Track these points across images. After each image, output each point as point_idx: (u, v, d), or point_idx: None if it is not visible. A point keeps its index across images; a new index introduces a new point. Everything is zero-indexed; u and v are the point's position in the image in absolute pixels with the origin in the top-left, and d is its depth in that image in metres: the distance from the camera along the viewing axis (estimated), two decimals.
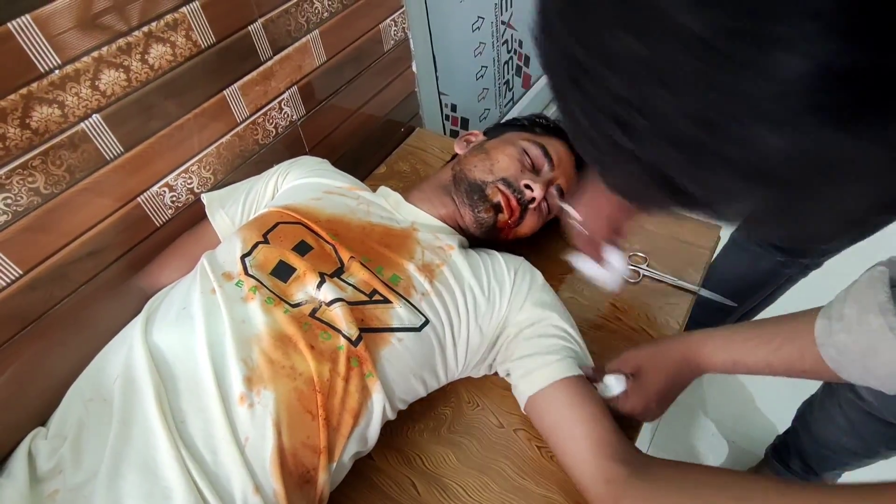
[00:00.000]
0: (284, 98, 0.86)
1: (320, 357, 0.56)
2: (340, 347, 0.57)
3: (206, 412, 0.52)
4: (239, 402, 0.52)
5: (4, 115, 0.55)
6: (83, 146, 0.62)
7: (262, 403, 0.52)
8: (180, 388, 0.53)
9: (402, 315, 0.62)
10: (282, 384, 0.54)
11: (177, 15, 0.67)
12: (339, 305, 0.59)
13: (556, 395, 0.62)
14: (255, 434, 0.51)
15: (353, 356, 0.57)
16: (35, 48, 0.55)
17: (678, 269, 0.86)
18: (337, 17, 0.90)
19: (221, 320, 0.56)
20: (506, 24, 1.57)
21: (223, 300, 0.58)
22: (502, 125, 0.87)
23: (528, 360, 0.65)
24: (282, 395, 0.53)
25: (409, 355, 0.61)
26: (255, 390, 0.53)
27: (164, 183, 0.73)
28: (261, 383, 0.53)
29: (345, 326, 0.58)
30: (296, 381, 0.54)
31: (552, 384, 0.62)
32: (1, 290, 0.60)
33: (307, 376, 0.55)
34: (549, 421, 0.63)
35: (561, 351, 0.65)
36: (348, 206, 0.72)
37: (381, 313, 0.61)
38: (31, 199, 0.59)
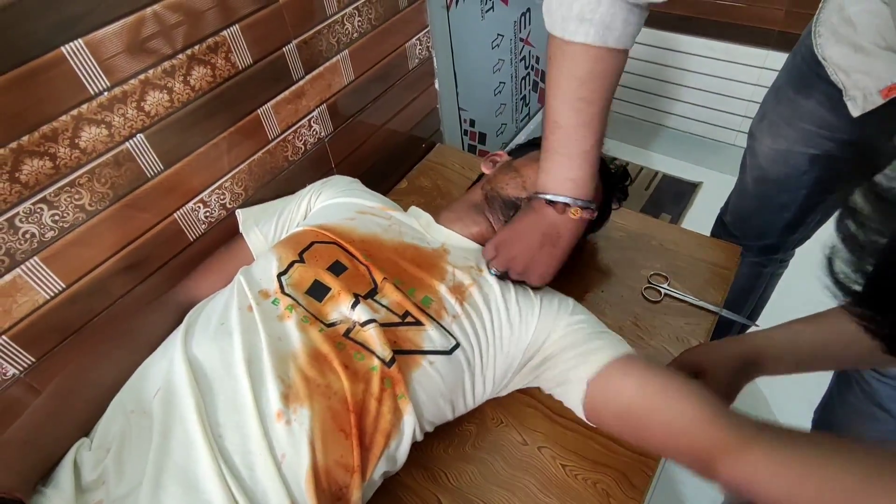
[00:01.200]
0: (314, 116, 0.88)
1: (354, 377, 0.57)
2: (374, 368, 0.58)
3: (243, 428, 0.53)
4: (276, 419, 0.53)
5: (56, 136, 0.57)
6: (126, 164, 0.64)
7: (298, 421, 0.53)
8: (218, 403, 0.54)
9: (433, 337, 0.63)
10: (317, 402, 0.55)
11: (218, 38, 0.69)
12: (372, 327, 0.60)
13: (623, 371, 0.60)
14: (291, 451, 0.52)
15: (387, 377, 0.58)
16: (86, 71, 0.57)
17: (699, 288, 0.87)
18: (366, 38, 0.92)
19: (259, 337, 0.58)
20: (524, 41, 1.59)
21: (260, 317, 0.59)
22: (525, 145, 0.89)
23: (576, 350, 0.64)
24: (317, 413, 0.54)
25: (439, 378, 0.62)
26: (291, 407, 0.54)
27: (199, 199, 0.75)
28: (297, 401, 0.54)
29: (378, 348, 0.59)
30: (330, 399, 0.55)
31: (612, 362, 0.60)
32: (45, 303, 0.62)
33: (341, 395, 0.56)
34: (626, 396, 0.59)
35: (604, 336, 0.65)
36: (381, 225, 0.73)
37: (413, 335, 0.62)
38: (77, 215, 0.61)
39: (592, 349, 0.64)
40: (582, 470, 0.68)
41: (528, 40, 1.61)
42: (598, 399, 0.61)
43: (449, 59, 1.23)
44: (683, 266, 0.91)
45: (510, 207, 0.76)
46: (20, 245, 0.57)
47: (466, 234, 0.77)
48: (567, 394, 0.65)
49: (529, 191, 0.75)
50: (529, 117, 1.81)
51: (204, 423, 0.52)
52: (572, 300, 0.74)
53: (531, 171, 0.76)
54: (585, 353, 0.63)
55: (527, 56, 1.64)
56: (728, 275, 0.88)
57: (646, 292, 0.87)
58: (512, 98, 1.66)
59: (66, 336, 0.65)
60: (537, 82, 1.77)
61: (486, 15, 1.37)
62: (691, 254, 0.92)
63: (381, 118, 1.04)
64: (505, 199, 0.76)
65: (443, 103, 1.21)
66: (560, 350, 0.67)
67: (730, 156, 1.99)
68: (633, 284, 0.89)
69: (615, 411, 0.60)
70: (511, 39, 1.52)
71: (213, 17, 0.68)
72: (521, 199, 0.75)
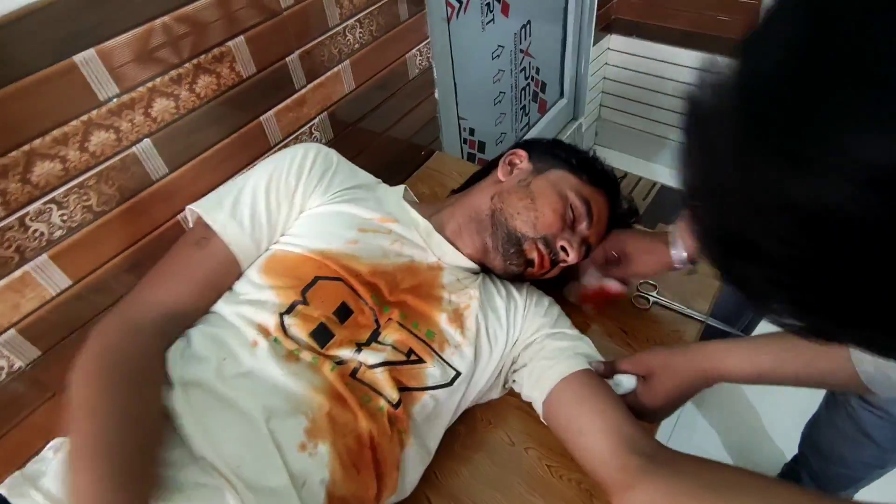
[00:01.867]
0: (314, 123, 0.91)
1: (367, 416, 0.59)
2: (381, 409, 0.60)
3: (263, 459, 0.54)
4: (299, 450, 0.55)
5: (66, 140, 0.60)
6: (133, 168, 0.67)
7: (318, 453, 0.56)
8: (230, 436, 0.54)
9: (435, 374, 0.65)
10: (338, 439, 0.57)
11: (223, 48, 0.72)
12: (380, 370, 0.62)
13: (566, 391, 0.65)
14: (310, 479, 0.55)
15: (392, 416, 0.61)
16: (97, 79, 0.60)
17: (687, 298, 0.89)
18: (367, 48, 0.95)
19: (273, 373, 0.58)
20: (524, 53, 1.62)
21: (268, 354, 0.59)
22: (550, 152, 0.80)
23: (535, 366, 0.69)
24: (336, 448, 0.56)
25: (440, 408, 0.66)
26: (313, 441, 0.56)
27: None
28: (319, 436, 0.56)
29: (387, 390, 0.61)
30: (347, 437, 0.58)
31: (561, 381, 0.65)
32: (51, 298, 0.64)
33: (357, 433, 0.58)
34: (564, 417, 0.65)
35: (565, 350, 0.68)
36: (383, 248, 0.70)
37: (416, 373, 0.64)
38: (85, 215, 0.64)
39: (545, 367, 0.68)
40: (566, 470, 0.70)
41: (528, 51, 1.64)
42: (550, 419, 0.68)
43: (449, 69, 1.26)
44: (673, 276, 0.92)
45: (513, 243, 0.72)
46: (30, 243, 0.60)
47: (463, 251, 0.75)
48: (530, 399, 0.71)
49: (539, 232, 0.71)
50: (529, 126, 1.84)
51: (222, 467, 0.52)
52: (557, 307, 0.78)
53: (546, 207, 0.72)
54: (540, 375, 0.68)
55: (527, 67, 1.67)
56: (714, 285, 0.90)
57: (635, 299, 0.89)
58: (512, 108, 1.69)
59: (72, 331, 0.68)
60: (537, 92, 1.80)
61: (487, 26, 1.41)
62: None
63: (381, 126, 1.07)
64: (509, 233, 0.72)
65: (442, 112, 1.24)
66: (529, 356, 0.71)
67: None
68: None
69: (558, 429, 0.67)
70: (511, 51, 1.55)
71: (219, 29, 0.71)
72: (528, 237, 0.72)
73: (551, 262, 0.74)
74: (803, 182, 0.21)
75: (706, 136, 0.26)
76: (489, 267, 0.76)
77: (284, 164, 0.71)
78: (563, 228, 0.73)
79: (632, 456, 0.57)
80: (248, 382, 0.57)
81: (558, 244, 0.72)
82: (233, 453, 0.53)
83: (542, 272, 0.76)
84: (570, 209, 0.73)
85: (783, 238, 0.23)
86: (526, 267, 0.74)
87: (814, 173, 0.21)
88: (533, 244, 0.72)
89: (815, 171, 0.21)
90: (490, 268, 0.76)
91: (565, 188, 0.74)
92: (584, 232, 0.75)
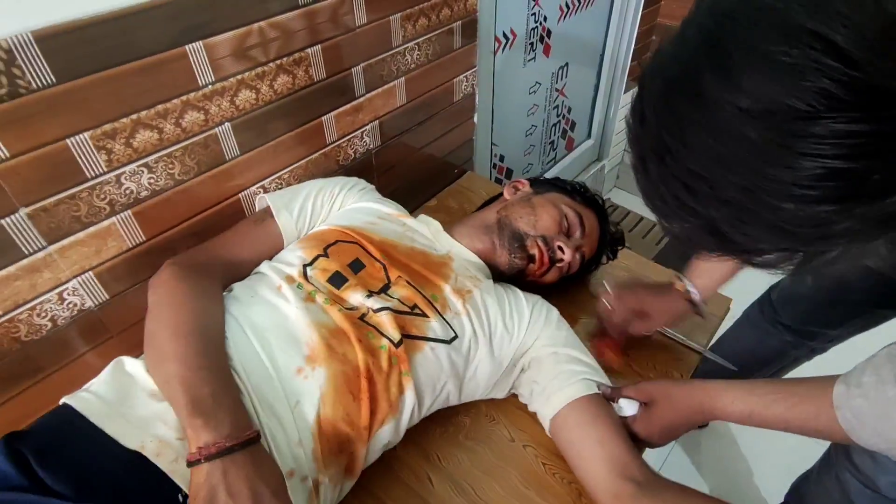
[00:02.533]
0: (367, 129, 1.01)
1: (367, 350, 0.67)
2: (383, 347, 0.68)
3: (268, 378, 0.63)
4: (296, 373, 0.64)
5: (166, 114, 0.69)
6: (212, 146, 0.77)
7: (314, 377, 0.64)
8: (247, 356, 0.65)
9: (436, 328, 0.72)
10: (334, 365, 0.64)
11: (302, 54, 0.82)
12: (385, 313, 0.70)
13: (572, 414, 0.72)
14: (304, 400, 0.63)
15: (394, 355, 0.68)
16: (200, 67, 0.70)
17: (687, 332, 0.95)
18: (421, 69, 1.05)
19: (288, 309, 0.68)
20: (559, 91, 1.73)
21: (289, 295, 0.69)
22: (548, 182, 0.99)
23: (546, 385, 0.75)
24: (332, 374, 0.64)
25: (438, 364, 0.72)
26: (311, 366, 0.64)
27: (261, 185, 0.87)
28: (317, 361, 0.64)
29: (389, 330, 0.69)
30: (345, 365, 0.65)
31: (569, 404, 0.72)
32: (127, 250, 0.73)
33: (355, 364, 0.66)
34: (567, 439, 0.72)
35: (576, 375, 0.75)
36: (396, 231, 0.83)
37: (419, 324, 0.72)
38: (167, 181, 0.73)
39: (556, 389, 0.74)
40: (560, 470, 0.76)
41: (562, 91, 1.75)
42: (556, 436, 0.75)
43: (489, 97, 1.36)
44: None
45: (516, 240, 0.85)
46: (120, 198, 0.69)
47: (472, 248, 0.87)
48: (538, 413, 0.78)
49: (539, 231, 0.85)
50: (555, 161, 1.94)
51: (237, 366, 0.63)
52: (556, 312, 0.85)
53: (545, 213, 0.87)
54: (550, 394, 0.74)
55: (559, 105, 1.78)
56: (715, 321, 0.97)
57: None
58: (541, 141, 1.79)
59: (135, 283, 0.76)
60: (566, 130, 1.90)
61: (528, 63, 1.51)
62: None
63: (421, 141, 1.16)
64: (514, 232, 0.86)
65: (478, 136, 1.33)
66: (539, 371, 0.78)
67: None
68: None
69: (562, 447, 0.74)
70: (547, 88, 1.66)
71: (303, 36, 0.81)
72: (529, 235, 0.85)
73: (550, 260, 0.85)
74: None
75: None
76: (496, 265, 0.87)
77: (336, 180, 0.89)
78: (560, 233, 0.86)
79: (625, 483, 0.63)
80: (265, 313, 0.68)
81: (556, 244, 0.84)
82: (244, 367, 0.63)
83: (542, 270, 0.86)
84: (565, 219, 0.87)
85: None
86: (528, 262, 0.85)
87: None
88: (534, 241, 0.85)
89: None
90: (497, 266, 0.87)
91: (560, 203, 0.89)
92: (578, 241, 0.88)
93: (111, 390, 0.60)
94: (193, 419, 0.55)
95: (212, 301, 0.69)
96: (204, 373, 0.59)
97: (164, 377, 0.60)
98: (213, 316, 0.67)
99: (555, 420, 0.73)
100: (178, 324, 0.63)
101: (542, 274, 0.87)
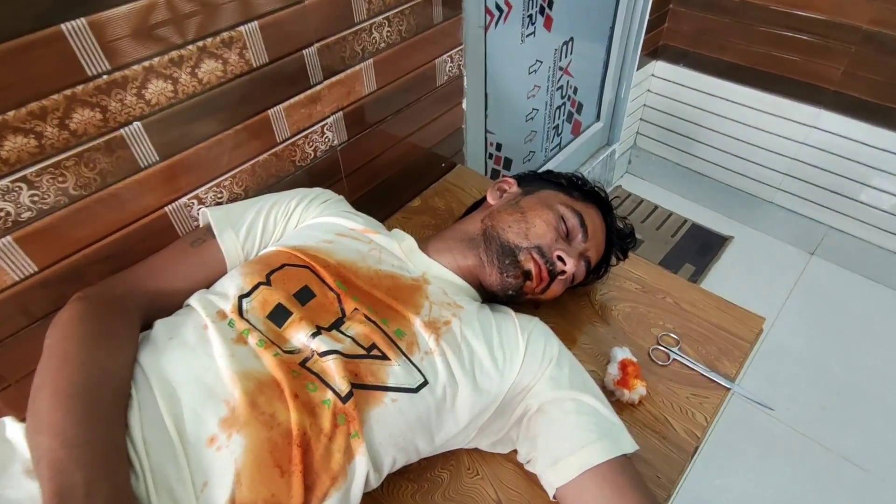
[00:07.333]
0: (328, 123, 0.85)
1: (302, 408, 0.53)
2: (326, 402, 0.54)
3: (168, 448, 0.50)
4: (207, 444, 0.50)
5: (45, 114, 0.54)
6: (119, 152, 0.62)
7: (230, 448, 0.50)
8: (145, 418, 0.51)
9: (398, 374, 0.58)
10: (257, 431, 0.51)
11: (233, 33, 0.66)
12: (332, 358, 0.56)
13: (590, 485, 0.57)
14: (214, 481, 0.49)
15: (340, 413, 0.54)
16: (86, 52, 0.55)
17: (712, 357, 0.80)
18: (393, 49, 0.88)
19: (210, 356, 0.55)
20: (563, 70, 1.55)
21: (215, 337, 0.56)
22: (537, 178, 0.84)
23: (554, 446, 0.60)
24: (253, 443, 0.50)
25: (401, 418, 0.57)
26: (227, 433, 0.50)
27: (195, 195, 0.72)
28: (235, 426, 0.51)
29: (336, 380, 0.55)
30: (272, 430, 0.51)
31: (583, 474, 0.57)
32: (13, 284, 0.59)
33: (286, 427, 0.52)
34: None
35: (590, 430, 0.59)
36: (359, 251, 0.69)
37: (376, 369, 0.58)
38: (59, 198, 0.59)
39: (567, 452, 0.59)
40: None
41: (567, 70, 1.57)
42: (567, 499, 0.59)
43: (481, 79, 1.19)
44: (698, 330, 0.84)
45: (507, 254, 0.70)
46: None
47: (453, 266, 0.73)
48: (540, 476, 0.62)
49: (532, 241, 0.70)
50: (560, 148, 1.76)
51: (135, 438, 0.49)
52: (556, 342, 0.69)
53: (537, 218, 0.72)
54: (559, 458, 0.59)
55: (564, 86, 1.60)
56: (747, 348, 0.81)
57: (653, 353, 0.81)
58: (544, 126, 1.61)
59: (35, 320, 0.63)
60: (572, 113, 1.72)
61: (527, 39, 1.34)
62: (708, 318, 0.85)
63: (400, 132, 1.00)
64: (503, 244, 0.71)
65: (469, 124, 1.17)
66: (542, 424, 0.62)
67: (766, 213, 1.90)
68: (641, 343, 0.82)
69: None
70: (550, 67, 1.48)
71: (232, 11, 0.65)
72: (522, 247, 0.70)
73: (549, 274, 0.71)
74: None
75: None
76: (486, 285, 0.72)
77: (294, 192, 0.76)
78: (557, 239, 0.72)
79: None
80: (181, 361, 0.55)
81: (554, 254, 0.70)
82: (144, 437, 0.50)
83: (542, 286, 0.72)
84: (562, 222, 0.73)
85: None
86: (524, 280, 0.71)
87: None
88: (528, 254, 0.70)
89: None
90: (487, 286, 0.72)
91: (555, 203, 0.74)
92: (580, 245, 0.74)
93: None
94: None
95: (116, 349, 0.55)
96: (80, 452, 0.46)
97: (36, 452, 0.47)
98: (112, 372, 0.53)
99: (566, 489, 0.58)
100: (60, 383, 0.50)
101: (543, 290, 0.72)
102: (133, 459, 0.48)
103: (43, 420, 0.48)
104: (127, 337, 0.58)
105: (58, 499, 0.43)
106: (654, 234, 1.95)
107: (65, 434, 0.46)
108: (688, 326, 0.84)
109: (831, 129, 1.62)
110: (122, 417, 0.50)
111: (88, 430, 0.47)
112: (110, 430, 0.49)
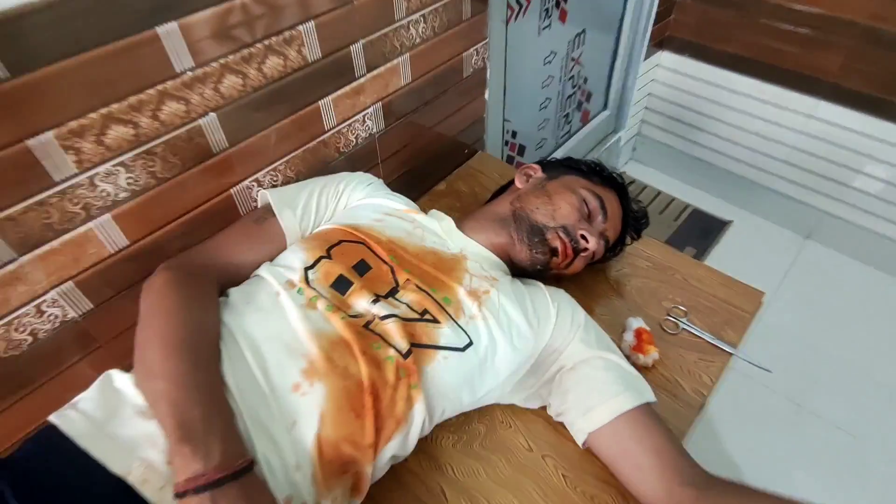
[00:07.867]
0: (369, 112, 0.93)
1: (370, 363, 0.61)
2: (389, 358, 0.62)
3: (261, 394, 0.58)
4: (292, 390, 0.58)
5: (140, 107, 0.62)
6: (197, 139, 0.69)
7: (313, 394, 0.58)
8: (240, 369, 0.59)
9: (448, 335, 0.67)
10: (334, 381, 0.59)
11: (294, 32, 0.73)
12: (392, 321, 0.64)
13: (619, 429, 0.66)
14: (302, 420, 0.57)
15: (402, 367, 0.62)
16: (175, 51, 0.62)
17: (717, 327, 0.89)
18: (427, 44, 0.96)
19: (286, 318, 0.63)
20: (575, 61, 1.62)
21: (288, 302, 0.64)
22: (561, 164, 0.91)
23: (585, 397, 0.69)
24: (332, 390, 0.59)
25: (451, 373, 0.66)
26: (309, 381, 0.59)
27: (255, 178, 0.80)
28: (316, 376, 0.59)
29: (397, 340, 0.63)
30: (347, 381, 0.60)
31: (615, 419, 0.66)
32: (109, 256, 0.67)
33: (357, 379, 0.60)
34: (613, 452, 0.67)
35: (617, 383, 0.69)
36: (405, 229, 0.77)
37: (430, 331, 0.66)
38: (148, 180, 0.67)
39: (598, 401, 0.68)
40: (582, 483, 0.71)
41: (578, 60, 1.63)
42: (595, 448, 0.70)
43: (501, 71, 1.27)
44: (704, 303, 0.93)
45: (536, 233, 0.79)
46: (96, 201, 0.63)
47: (486, 244, 0.80)
48: (571, 425, 0.72)
49: (558, 221, 0.79)
50: (570, 135, 1.84)
51: (230, 385, 0.57)
52: (581, 310, 0.78)
53: (562, 201, 0.80)
54: (591, 407, 0.68)
55: (575, 75, 1.67)
56: (748, 318, 0.90)
57: (664, 323, 0.90)
58: (556, 115, 1.68)
59: (122, 289, 0.71)
60: (582, 102, 1.80)
61: (543, 31, 1.41)
62: (714, 293, 0.94)
63: (429, 121, 1.08)
64: (532, 224, 0.79)
65: (489, 113, 1.24)
66: (572, 380, 0.71)
67: (765, 199, 1.98)
68: (653, 314, 0.91)
69: (606, 457, 0.69)
70: (563, 57, 1.55)
71: (292, 12, 0.72)
72: (549, 227, 0.79)
73: (574, 251, 0.79)
74: None
75: None
76: (516, 260, 0.80)
77: (340, 176, 0.84)
78: (580, 220, 0.80)
79: (685, 488, 0.60)
80: (262, 322, 0.63)
81: (578, 233, 0.79)
82: (237, 385, 0.57)
83: (566, 262, 0.80)
84: (584, 204, 0.81)
85: None
86: (551, 255, 0.79)
87: None
88: (555, 233, 0.79)
89: None
90: (517, 261, 0.80)
91: (577, 187, 0.83)
92: (600, 226, 0.82)
93: (98, 407, 0.56)
94: (181, 446, 0.50)
95: (206, 310, 0.64)
96: (194, 392, 0.54)
97: (153, 395, 0.55)
98: (207, 327, 0.61)
99: (597, 434, 0.68)
100: (168, 336, 0.58)
101: (567, 265, 0.81)
102: (231, 402, 0.57)
103: (156, 368, 0.56)
104: (212, 300, 0.66)
105: (181, 431, 0.51)
106: (658, 218, 2.03)
107: (179, 378, 0.54)
108: (695, 300, 0.93)
109: (829, 119, 1.70)
110: (219, 367, 0.59)
111: (197, 375, 0.55)
112: (214, 376, 0.57)
